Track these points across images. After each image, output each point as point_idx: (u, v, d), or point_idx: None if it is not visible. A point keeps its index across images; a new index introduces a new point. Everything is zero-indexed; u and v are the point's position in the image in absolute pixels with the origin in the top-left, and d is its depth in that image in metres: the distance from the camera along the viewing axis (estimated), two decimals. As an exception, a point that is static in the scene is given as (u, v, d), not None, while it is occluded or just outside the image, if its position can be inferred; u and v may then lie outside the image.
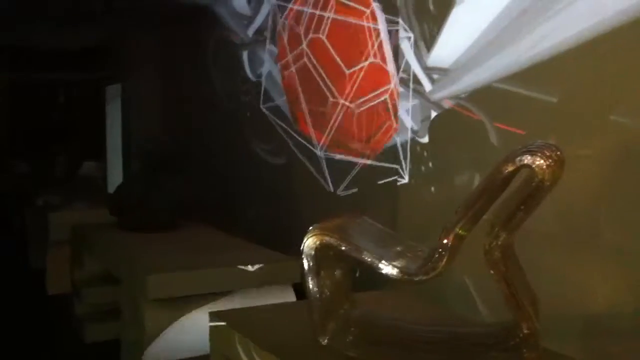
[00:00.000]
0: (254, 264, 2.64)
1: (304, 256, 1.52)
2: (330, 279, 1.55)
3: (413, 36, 2.20)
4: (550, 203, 1.47)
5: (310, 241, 1.52)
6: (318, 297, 1.52)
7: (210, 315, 1.91)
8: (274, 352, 1.56)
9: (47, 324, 4.17)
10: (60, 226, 4.58)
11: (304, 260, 1.52)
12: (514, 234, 1.38)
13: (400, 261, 1.47)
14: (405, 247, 1.60)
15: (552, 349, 1.52)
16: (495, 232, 1.35)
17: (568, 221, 1.71)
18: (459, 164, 2.07)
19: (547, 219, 1.68)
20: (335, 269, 1.57)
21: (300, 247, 1.54)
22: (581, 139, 1.65)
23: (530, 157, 1.28)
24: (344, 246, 1.49)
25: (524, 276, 1.40)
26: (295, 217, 3.04)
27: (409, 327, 1.67)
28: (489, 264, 1.35)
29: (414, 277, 1.42)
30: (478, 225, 1.39)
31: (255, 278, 2.63)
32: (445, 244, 1.38)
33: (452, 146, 2.12)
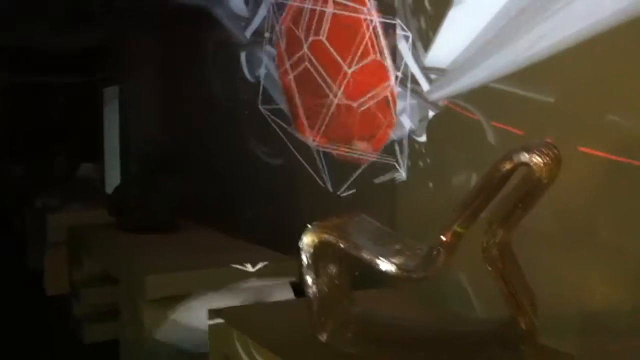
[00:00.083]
0: (253, 264, 2.65)
1: (302, 253, 1.53)
2: (328, 277, 1.56)
3: (411, 36, 2.21)
4: (547, 202, 1.48)
5: (308, 239, 1.52)
6: (317, 294, 1.53)
7: (209, 312, 1.92)
8: (273, 349, 1.57)
9: (46, 325, 4.17)
10: (58, 227, 4.59)
11: (303, 257, 1.53)
12: (511, 231, 1.39)
13: (399, 259, 1.47)
14: (404, 245, 1.61)
15: (550, 346, 1.53)
16: (493, 230, 1.36)
17: (565, 220, 1.72)
18: (456, 163, 2.08)
19: (545, 217, 1.68)
20: (333, 266, 1.58)
21: (298, 245, 1.54)
22: (578, 138, 1.66)
23: (527, 155, 1.29)
24: (342, 244, 1.50)
25: (522, 273, 1.41)
26: (294, 218, 3.04)
27: (407, 325, 1.68)
28: (486, 261, 1.36)
29: (412, 274, 1.43)
30: (476, 223, 1.41)
31: (254, 277, 2.63)
32: (444, 242, 1.39)
33: (450, 145, 2.12)
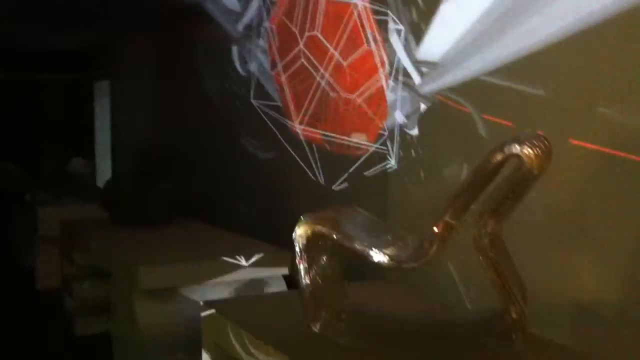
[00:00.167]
0: (246, 256, 2.67)
1: (295, 245, 1.54)
2: (321, 268, 1.57)
3: (403, 29, 2.22)
4: (538, 194, 1.50)
5: (301, 230, 1.54)
6: (310, 285, 1.54)
7: (202, 304, 1.93)
8: (266, 340, 1.58)
9: (37, 319, 4.17)
10: (50, 222, 4.59)
11: (296, 248, 1.54)
12: (502, 222, 1.41)
13: (391, 249, 1.49)
14: (396, 236, 1.63)
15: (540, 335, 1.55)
16: (484, 220, 1.38)
17: (556, 212, 1.73)
18: (448, 155, 2.09)
19: (535, 209, 1.70)
20: (326, 257, 1.59)
21: (291, 240, 1.56)
22: (569, 131, 1.67)
23: (518, 147, 1.31)
24: (335, 235, 1.51)
25: (512, 264, 1.43)
26: (287, 211, 3.05)
27: (399, 316, 1.70)
28: (477, 251, 1.38)
29: (403, 265, 1.44)
30: (467, 215, 1.42)
31: (247, 269, 2.65)
32: (435, 233, 1.40)
33: (442, 138, 2.14)
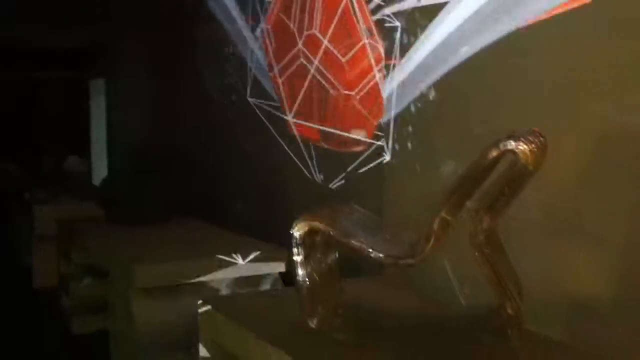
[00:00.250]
0: (243, 254, 2.68)
1: (293, 241, 1.55)
2: (318, 264, 1.58)
3: (400, 25, 2.23)
4: (533, 190, 1.51)
5: (299, 227, 1.55)
6: (307, 281, 1.55)
7: (198, 301, 1.94)
8: (263, 336, 1.59)
9: (34, 317, 4.17)
10: (47, 220, 4.60)
11: (293, 244, 1.55)
12: (498, 218, 1.42)
13: (388, 246, 1.50)
14: (392, 233, 1.64)
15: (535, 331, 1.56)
16: (480, 216, 1.39)
17: (551, 210, 1.74)
18: (443, 150, 2.09)
19: (531, 207, 1.71)
20: (323, 254, 1.60)
21: (287, 238, 1.56)
22: (564, 128, 1.68)
23: (513, 143, 1.32)
24: (332, 231, 1.52)
25: (508, 259, 1.44)
26: (283, 210, 3.06)
27: (395, 312, 1.71)
28: (473, 247, 1.39)
29: (400, 261, 1.45)
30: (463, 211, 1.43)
31: (244, 267, 2.66)
32: (431, 229, 1.41)
33: (437, 132, 2.14)
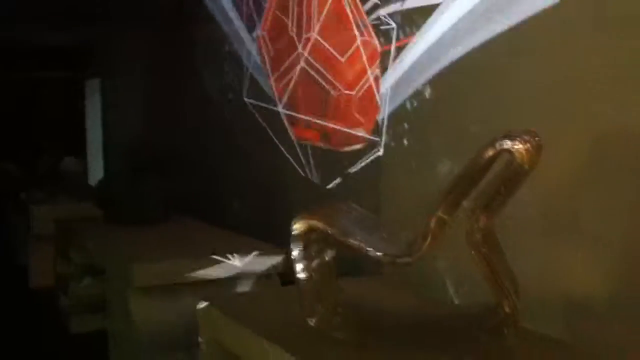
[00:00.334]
0: (241, 254, 2.69)
1: (292, 240, 1.56)
2: (317, 263, 1.59)
3: (395, 25, 2.25)
4: (530, 190, 1.52)
5: (298, 225, 1.56)
6: (306, 279, 1.57)
7: (198, 300, 1.95)
8: (262, 334, 1.60)
9: (32, 318, 4.18)
10: (43, 220, 4.60)
11: (292, 243, 1.56)
12: (494, 217, 1.43)
13: (385, 244, 1.52)
14: (390, 232, 1.66)
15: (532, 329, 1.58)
16: (476, 215, 1.40)
17: (548, 209, 1.76)
18: (438, 148, 2.11)
19: (528, 206, 1.72)
20: (322, 253, 1.61)
21: (285, 238, 1.58)
22: (560, 127, 1.70)
23: (510, 142, 1.33)
24: (330, 230, 1.54)
25: (505, 258, 1.45)
26: (281, 210, 3.07)
27: (393, 311, 1.72)
28: (470, 246, 1.40)
29: (397, 260, 1.47)
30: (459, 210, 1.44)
31: (243, 267, 2.67)
32: (428, 228, 1.43)
33: (432, 131, 2.15)
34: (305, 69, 2.80)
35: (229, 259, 2.67)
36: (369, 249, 1.48)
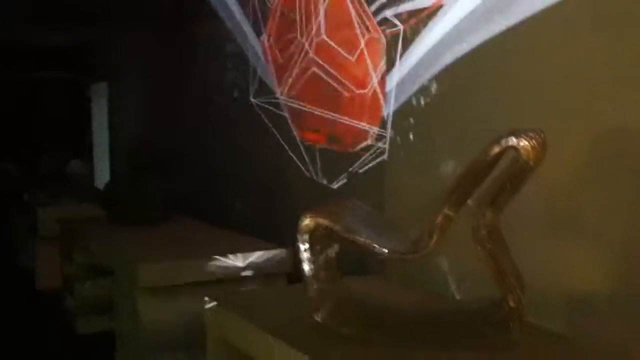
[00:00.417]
0: (248, 254, 2.71)
1: (299, 237, 1.58)
2: (324, 260, 1.61)
3: (402, 28, 2.26)
4: (535, 189, 1.54)
5: (305, 223, 1.58)
6: (313, 276, 1.58)
7: (205, 299, 1.96)
8: (269, 331, 1.62)
9: (38, 319, 4.19)
10: (49, 222, 4.62)
11: (299, 240, 1.58)
12: (500, 213, 1.45)
13: (392, 241, 1.53)
14: (396, 229, 1.68)
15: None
16: (482, 212, 1.42)
17: (550, 208, 1.77)
18: (443, 146, 2.12)
19: (532, 205, 1.73)
20: (328, 250, 1.63)
21: (290, 238, 1.59)
22: (564, 126, 1.71)
23: (515, 139, 1.35)
24: (337, 228, 1.55)
25: (509, 253, 1.47)
26: (287, 209, 3.08)
27: (398, 307, 1.74)
28: (476, 241, 1.42)
29: (404, 256, 1.48)
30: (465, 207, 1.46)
31: (248, 266, 2.69)
32: (434, 224, 1.44)
33: (437, 128, 2.17)
34: (314, 70, 2.81)
35: (235, 259, 2.69)
36: (375, 245, 1.49)
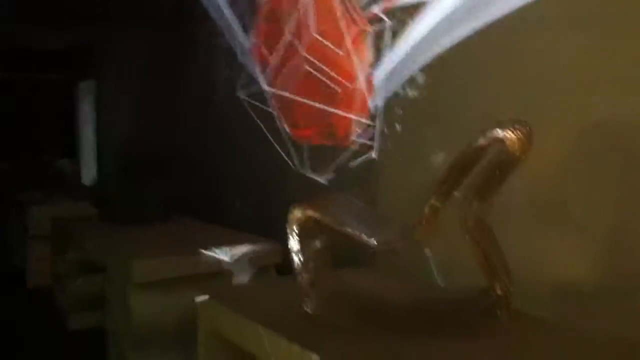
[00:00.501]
0: (241, 248, 2.73)
1: (289, 229, 1.60)
2: (314, 252, 1.63)
3: (390, 23, 2.28)
4: (520, 178, 1.56)
5: (295, 215, 1.60)
6: (303, 267, 1.60)
7: (197, 292, 1.98)
8: (261, 322, 1.63)
9: (29, 317, 4.19)
10: (41, 221, 4.63)
11: (289, 232, 1.60)
12: (487, 203, 1.47)
13: (381, 232, 1.55)
14: (386, 221, 1.70)
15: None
16: (469, 202, 1.45)
17: (536, 199, 1.80)
18: (432, 138, 2.14)
19: (517, 196, 1.76)
20: (318, 242, 1.65)
21: (282, 233, 1.61)
22: (551, 118, 1.73)
23: (501, 131, 1.38)
24: (327, 219, 1.57)
25: (496, 243, 1.50)
26: (279, 205, 3.08)
27: (388, 297, 1.76)
28: (464, 230, 1.45)
29: (392, 246, 1.51)
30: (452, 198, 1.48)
31: (240, 260, 2.71)
32: (422, 215, 1.46)
33: (425, 121, 2.19)
34: (304, 66, 2.82)
35: (226, 253, 2.71)
36: (364, 236, 1.51)
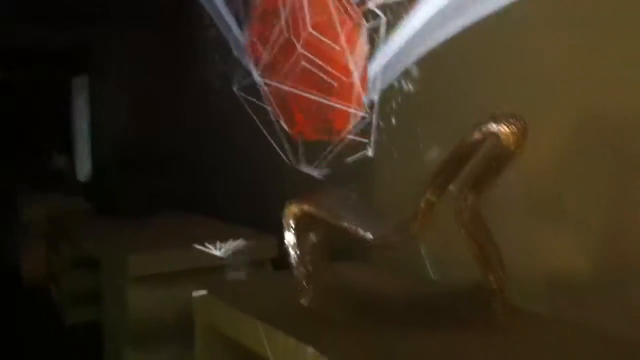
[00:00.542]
0: (236, 242, 2.74)
1: (284, 223, 1.61)
2: (310, 245, 1.64)
3: (385, 18, 2.29)
4: (515, 172, 1.57)
5: (290, 209, 1.61)
6: (299, 260, 1.61)
7: (193, 288, 1.98)
8: (258, 316, 1.64)
9: (25, 313, 4.19)
10: (37, 217, 4.63)
11: (285, 226, 1.61)
12: (481, 197, 1.48)
13: (377, 226, 1.56)
14: (382, 216, 1.71)
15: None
16: (464, 195, 1.45)
17: (531, 192, 1.81)
18: (426, 133, 2.15)
19: (512, 189, 1.77)
20: (314, 235, 1.66)
21: (277, 228, 1.62)
22: (546, 112, 1.74)
23: (495, 126, 1.39)
24: (323, 213, 1.58)
25: (491, 236, 1.50)
26: (274, 200, 3.09)
27: (384, 291, 1.77)
28: (458, 224, 1.45)
29: (388, 239, 1.52)
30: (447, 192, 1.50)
31: (236, 254, 2.71)
32: (417, 209, 1.48)
33: (420, 115, 2.20)
34: (303, 63, 2.83)
35: (222, 248, 2.72)
36: (359, 230, 1.53)
